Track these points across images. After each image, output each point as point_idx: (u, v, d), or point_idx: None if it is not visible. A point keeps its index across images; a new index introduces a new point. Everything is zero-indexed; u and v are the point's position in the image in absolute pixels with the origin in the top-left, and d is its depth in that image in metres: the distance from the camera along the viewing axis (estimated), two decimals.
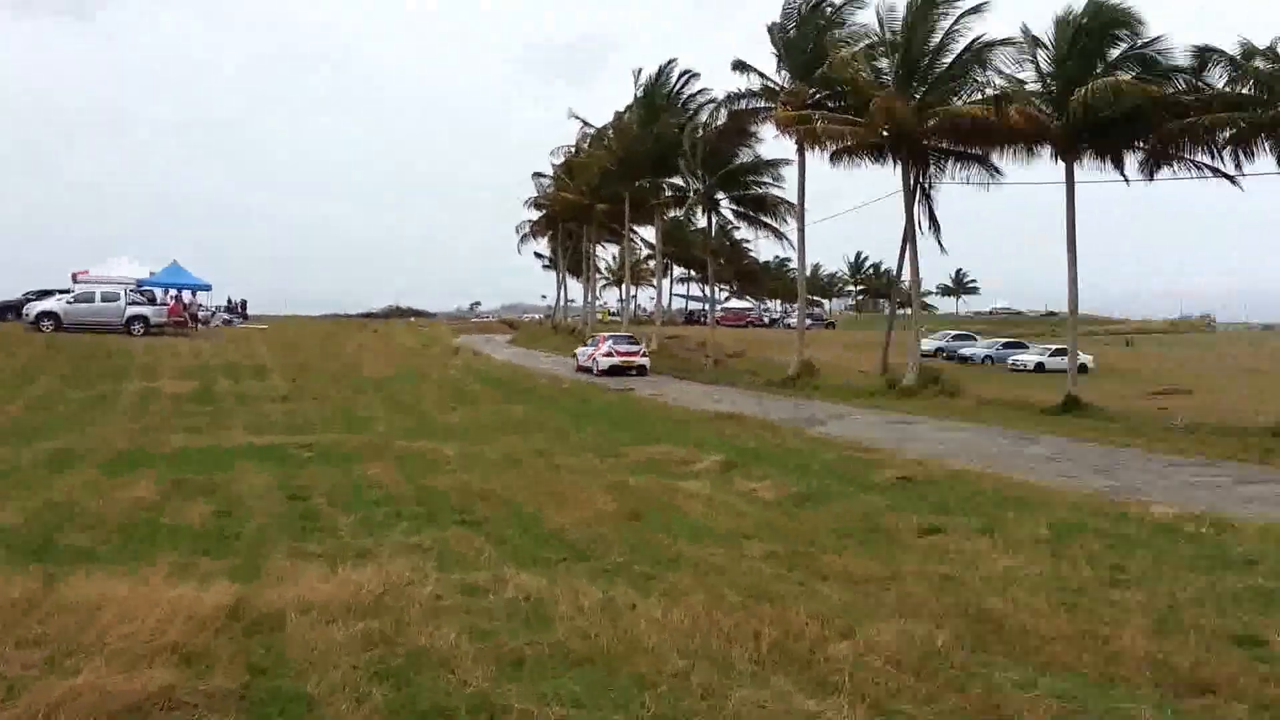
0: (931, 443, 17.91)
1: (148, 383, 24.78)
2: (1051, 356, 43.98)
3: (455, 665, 5.38)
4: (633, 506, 10.88)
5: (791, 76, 33.17)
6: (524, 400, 24.58)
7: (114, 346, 33.28)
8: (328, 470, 12.77)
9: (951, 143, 29.64)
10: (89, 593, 6.22)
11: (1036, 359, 45.31)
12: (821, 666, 5.55)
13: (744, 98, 35.20)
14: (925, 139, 29.43)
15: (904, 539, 9.53)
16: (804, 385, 30.79)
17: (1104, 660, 5.88)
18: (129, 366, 28.85)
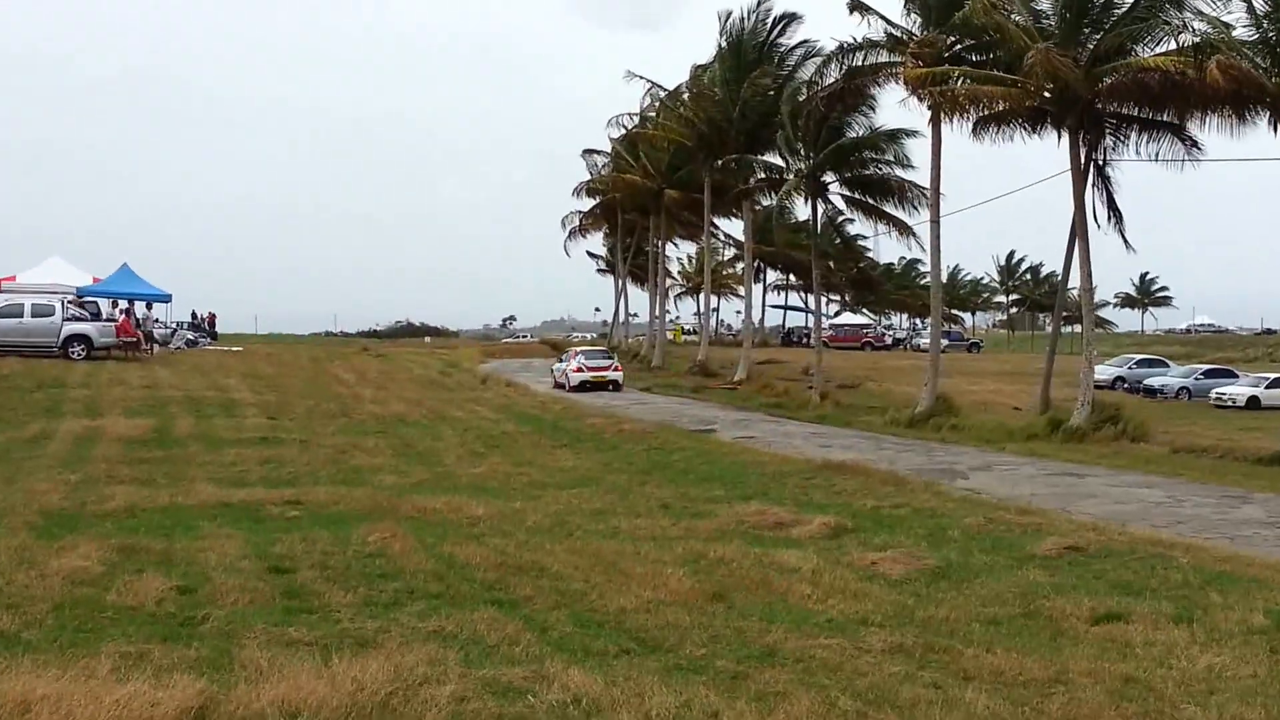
0: (1108, 502, 17.63)
1: (89, 421, 25.33)
2: (1269, 388, 43.10)
3: None
4: (715, 584, 10.85)
5: (924, 22, 33.08)
6: (573, 446, 24.69)
7: (46, 374, 34.06)
8: (318, 535, 12.90)
9: (1135, 107, 29.28)
10: (15, 691, 6.34)
11: (1249, 391, 44.41)
12: None
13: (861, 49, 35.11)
14: (1100, 102, 29.10)
15: (1072, 628, 9.38)
16: (939, 426, 30.53)
17: None
18: (66, 400, 29.53)
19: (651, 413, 34.15)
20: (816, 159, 40.31)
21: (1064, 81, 27.78)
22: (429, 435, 25.81)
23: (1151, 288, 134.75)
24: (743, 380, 47.41)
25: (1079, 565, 11.93)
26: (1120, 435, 27.51)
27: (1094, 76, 28.10)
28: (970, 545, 13.16)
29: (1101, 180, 30.94)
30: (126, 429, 23.82)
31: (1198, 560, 11.93)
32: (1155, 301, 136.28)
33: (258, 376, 40.05)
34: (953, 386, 38.52)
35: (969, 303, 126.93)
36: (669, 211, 59.04)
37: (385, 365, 52.60)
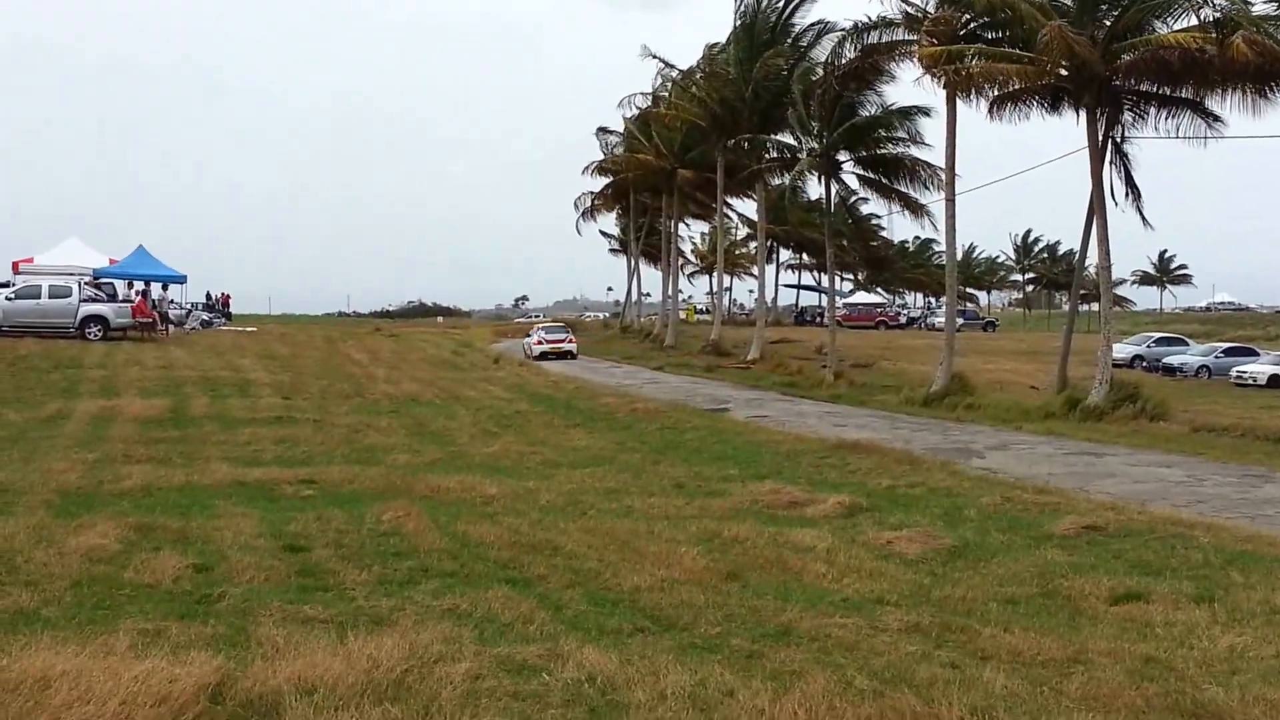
0: (1127, 481, 17.57)
1: (106, 401, 25.44)
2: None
3: None
4: (729, 563, 10.86)
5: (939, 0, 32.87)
6: (587, 425, 24.73)
7: (64, 355, 34.28)
8: (333, 514, 12.95)
9: (1153, 84, 29.06)
10: (34, 667, 6.36)
11: (1270, 369, 44.21)
12: None
13: (876, 27, 34.98)
14: (1117, 79, 28.89)
15: (1091, 608, 9.36)
16: (954, 405, 30.44)
17: None
18: (83, 380, 29.70)
19: (665, 392, 34.17)
20: (830, 138, 40.19)
21: (1080, 59, 27.56)
22: (442, 415, 25.86)
23: (1170, 265, 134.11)
24: (756, 360, 47.36)
25: (1098, 545, 11.90)
26: (1139, 414, 27.36)
27: (1111, 54, 27.90)
28: (987, 524, 13.14)
29: (1119, 157, 30.76)
30: (142, 409, 23.93)
31: (1219, 540, 11.90)
32: (1174, 279, 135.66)
33: (272, 357, 40.17)
34: (968, 365, 38.40)
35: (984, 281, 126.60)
36: (682, 191, 58.96)
37: (398, 345, 52.71)
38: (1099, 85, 28.77)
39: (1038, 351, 51.79)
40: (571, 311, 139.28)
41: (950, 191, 34.02)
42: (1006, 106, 30.57)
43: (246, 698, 6.19)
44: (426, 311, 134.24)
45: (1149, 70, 27.90)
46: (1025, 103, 30.59)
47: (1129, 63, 27.79)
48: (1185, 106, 29.19)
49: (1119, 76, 28.73)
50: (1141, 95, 29.80)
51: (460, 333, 70.56)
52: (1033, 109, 30.81)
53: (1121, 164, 30.76)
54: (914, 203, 40.11)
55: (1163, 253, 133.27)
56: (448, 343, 56.92)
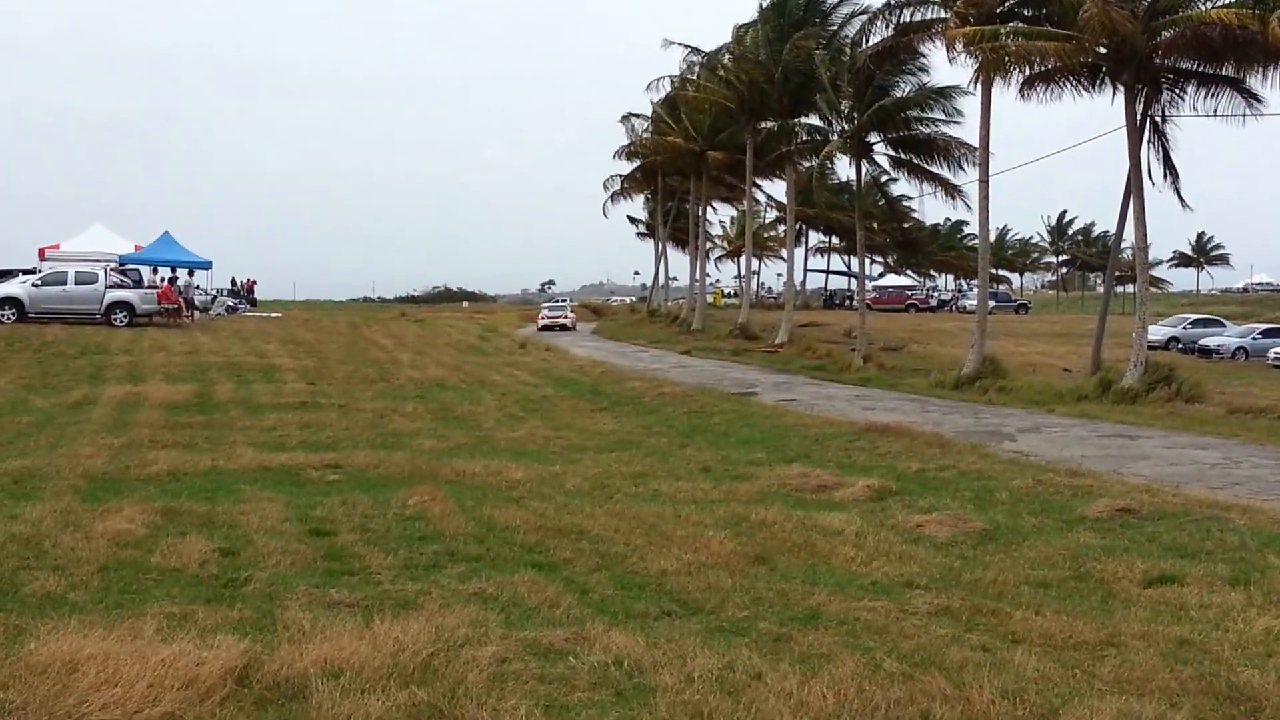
0: (1161, 464, 17.48)
1: (132, 387, 25.63)
2: None
3: None
4: (757, 546, 10.87)
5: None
6: (613, 409, 24.74)
7: (90, 341, 34.53)
8: (359, 498, 13.03)
9: (1193, 61, 28.80)
10: (62, 650, 6.45)
11: None
12: None
13: (910, 5, 34.81)
14: (1157, 57, 28.65)
15: (1125, 591, 9.34)
16: (986, 388, 30.32)
17: None
18: (109, 366, 29.92)
19: (692, 376, 34.14)
20: (861, 119, 40.03)
21: (1121, 36, 27.32)
22: (467, 399, 25.92)
23: (1208, 246, 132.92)
24: (784, 343, 47.29)
25: (1131, 527, 11.85)
26: (1174, 396, 27.19)
27: (1152, 30, 27.65)
28: (1018, 507, 13.09)
29: (1158, 137, 30.50)
30: (168, 394, 24.09)
31: (1255, 522, 11.83)
32: (1212, 260, 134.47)
33: (297, 342, 40.35)
34: (1000, 348, 38.25)
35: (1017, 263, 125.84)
36: (710, 174, 58.88)
37: (423, 330, 52.87)
38: (1138, 63, 28.52)
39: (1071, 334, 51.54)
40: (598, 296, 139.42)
41: (984, 172, 33.85)
42: (1037, 86, 30.31)
43: (273, 681, 6.25)
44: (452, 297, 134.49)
45: (1190, 47, 27.65)
46: (1059, 82, 30.32)
47: (1169, 39, 27.54)
48: (1225, 85, 28.91)
49: (1159, 54, 28.49)
50: (1181, 73, 29.53)
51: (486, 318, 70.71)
52: (1065, 89, 30.54)
53: (1160, 144, 30.51)
54: (947, 183, 39.99)
55: (1200, 234, 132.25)
56: (473, 328, 57.08)
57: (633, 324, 68.24)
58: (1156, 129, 30.34)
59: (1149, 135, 30.05)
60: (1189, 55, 28.40)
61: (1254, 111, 28.94)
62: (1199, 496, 13.64)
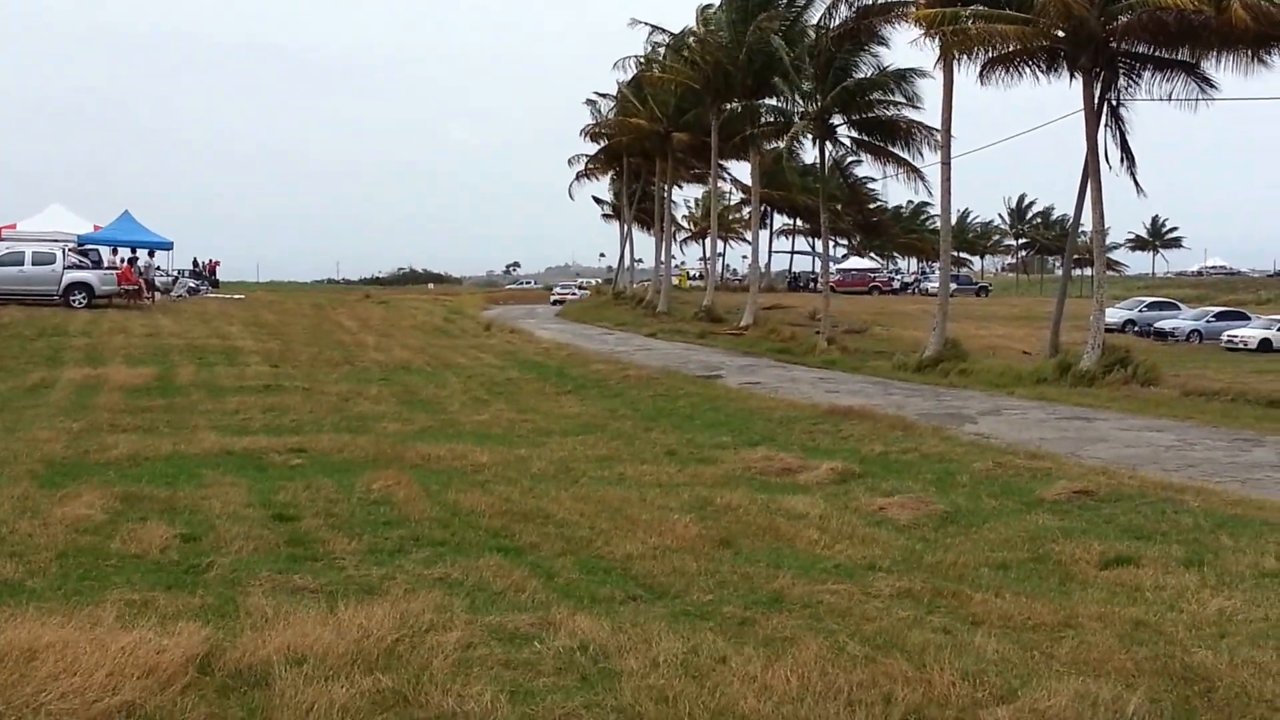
0: (1118, 446, 17.65)
1: (91, 369, 25.34)
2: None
3: None
4: (721, 530, 10.90)
5: None
6: (578, 392, 24.72)
7: (48, 323, 34.12)
8: (322, 482, 12.95)
9: (1149, 46, 29.01)
10: (20, 639, 6.36)
11: (1261, 334, 44.37)
12: None
13: None
14: (1114, 41, 28.83)
15: (1082, 573, 9.42)
16: (947, 371, 30.51)
17: None
18: (67, 348, 29.59)
19: (657, 358, 34.16)
20: (824, 101, 40.07)
21: (1078, 19, 27.48)
22: (433, 382, 25.83)
23: (1163, 230, 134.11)
24: (749, 326, 47.36)
25: (1088, 509, 11.96)
26: (1130, 379, 27.43)
27: (1109, 14, 27.82)
28: (979, 490, 13.19)
29: (1115, 121, 30.67)
30: (128, 377, 23.85)
31: (1209, 504, 11.96)
32: (1167, 244, 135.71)
33: (260, 324, 40.06)
34: (961, 331, 38.43)
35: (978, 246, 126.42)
36: (675, 155, 58.82)
37: (388, 312, 52.60)
38: (1096, 47, 28.71)
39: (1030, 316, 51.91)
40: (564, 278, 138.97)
41: (946, 155, 33.97)
42: (999, 69, 30.43)
43: (236, 668, 6.21)
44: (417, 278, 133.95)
45: (1146, 32, 27.86)
46: (1019, 66, 30.44)
47: (1126, 24, 27.74)
48: (1180, 69, 29.13)
49: (1116, 38, 28.69)
50: (1137, 58, 29.73)
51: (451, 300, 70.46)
52: (1025, 72, 30.66)
53: (1117, 128, 30.68)
54: (909, 165, 40.09)
55: (1155, 217, 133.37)
56: (439, 310, 56.83)
57: (598, 306, 68.18)
58: (1114, 113, 30.52)
59: (1106, 119, 30.22)
60: (1145, 40, 28.63)
61: (1207, 96, 29.24)
62: (1155, 479, 13.78)
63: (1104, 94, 29.95)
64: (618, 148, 65.05)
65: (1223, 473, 15.04)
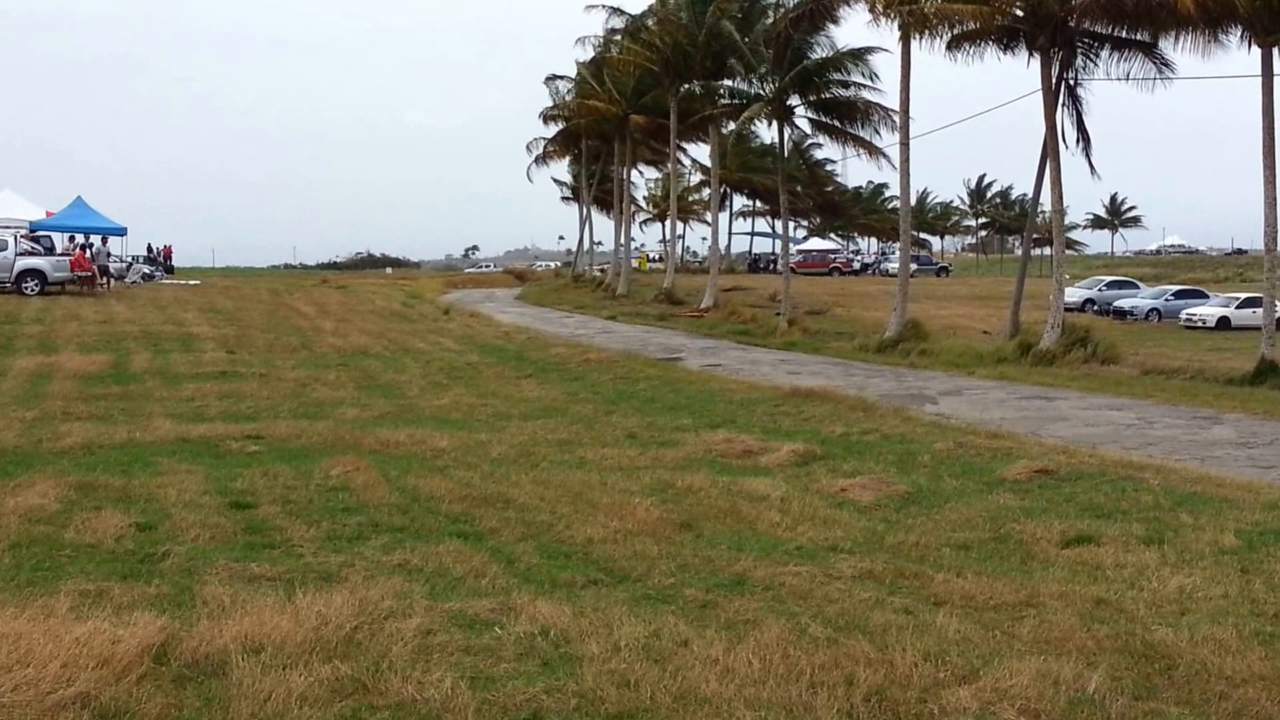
0: (1078, 424, 17.80)
1: (44, 357, 25.07)
2: (1240, 308, 43.38)
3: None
4: (683, 513, 10.91)
5: None
6: (538, 376, 24.67)
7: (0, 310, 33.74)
8: (280, 469, 12.88)
9: (1107, 25, 29.19)
10: None
11: (1219, 312, 44.73)
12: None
13: None
14: (1072, 20, 29.00)
15: (1043, 552, 9.50)
16: (908, 351, 30.63)
17: None
18: (19, 336, 29.22)
19: (617, 341, 34.12)
20: (782, 82, 40.07)
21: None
22: (391, 367, 25.71)
23: (1122, 209, 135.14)
24: (709, 308, 47.38)
25: (1049, 489, 12.05)
26: (1090, 358, 27.68)
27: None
28: (940, 470, 13.26)
29: (1072, 101, 30.89)
30: (82, 365, 23.59)
31: (1168, 482, 12.07)
32: (1125, 223, 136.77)
33: (216, 310, 39.72)
34: (921, 311, 38.60)
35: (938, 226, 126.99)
36: (634, 137, 58.64)
37: (346, 297, 52.24)
38: (1054, 26, 28.89)
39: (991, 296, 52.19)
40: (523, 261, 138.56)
41: (904, 135, 34.07)
42: (961, 48, 30.54)
43: (192, 658, 6.16)
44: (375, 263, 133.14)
45: (1103, 11, 28.05)
46: (980, 44, 30.56)
47: (1083, 3, 27.94)
48: (1138, 49, 29.34)
49: (1073, 17, 28.86)
50: (1095, 37, 29.92)
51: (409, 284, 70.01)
52: (987, 50, 30.80)
53: (1074, 108, 30.92)
54: (868, 146, 40.14)
55: (1114, 196, 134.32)
56: (397, 294, 56.48)
57: (557, 289, 67.98)
58: (1071, 93, 30.73)
59: (1064, 99, 30.43)
60: (1103, 19, 28.82)
61: (1164, 76, 29.49)
62: (1115, 457, 13.89)
63: (1062, 74, 30.16)
64: (576, 130, 64.80)
65: (1182, 450, 15.20)
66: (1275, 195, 25.56)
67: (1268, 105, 25.13)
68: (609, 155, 65.41)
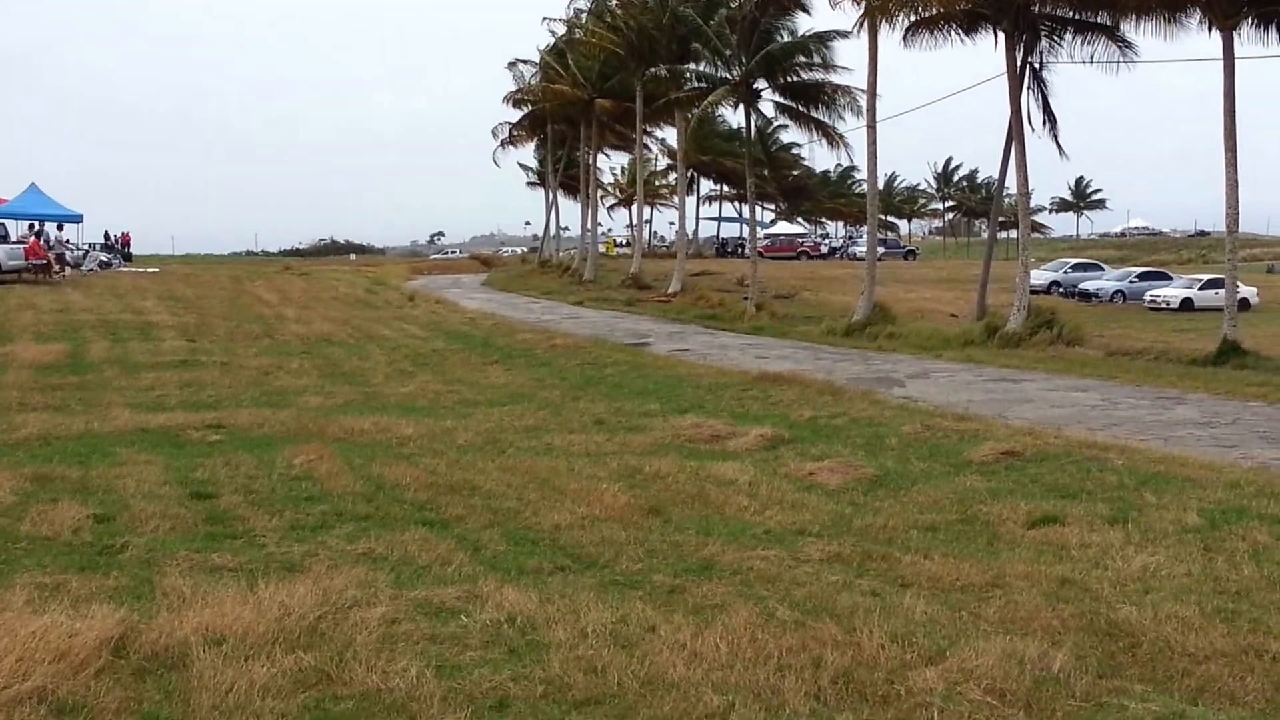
0: (1044, 406, 17.91)
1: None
2: (1202, 290, 43.75)
3: (417, 711, 5.41)
4: (650, 499, 10.92)
5: None
6: (504, 362, 24.62)
7: None
8: (242, 459, 12.83)
9: (1070, 9, 29.33)
10: None
11: (1182, 293, 45.09)
12: (903, 701, 5.57)
13: None
14: (1034, 4, 29.12)
15: (1009, 533, 9.57)
16: (876, 335, 30.74)
17: (1273, 685, 5.91)
18: None
19: (584, 327, 34.09)
20: (748, 66, 40.07)
21: None
22: (356, 355, 25.60)
23: (1087, 191, 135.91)
24: (677, 293, 47.38)
25: (1015, 470, 12.12)
26: (1056, 340, 27.84)
27: None
28: (908, 453, 13.31)
29: (1037, 84, 31.03)
30: (38, 354, 23.39)
31: (1132, 462, 12.16)
32: (1090, 205, 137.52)
33: (175, 298, 39.43)
34: (889, 295, 38.73)
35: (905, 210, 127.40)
36: (600, 122, 58.51)
37: (309, 284, 51.95)
38: (1017, 9, 28.99)
39: (957, 279, 52.39)
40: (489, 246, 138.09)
41: (871, 118, 34.11)
42: (924, 33, 30.59)
43: (152, 650, 6.13)
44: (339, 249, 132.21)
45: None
46: (944, 28, 30.60)
47: None
48: (1100, 32, 29.48)
49: (1035, 2, 28.96)
50: (1058, 20, 30.06)
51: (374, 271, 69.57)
52: (950, 35, 30.85)
53: (1039, 90, 31.05)
54: (833, 130, 40.21)
55: (1080, 178, 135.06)
56: (361, 281, 56.20)
57: (524, 275, 67.81)
58: (1036, 76, 30.86)
59: (1029, 82, 30.56)
60: (1064, 3, 28.97)
61: (1127, 59, 29.63)
62: (1080, 438, 13.97)
63: (1026, 57, 30.29)
64: (542, 114, 64.63)
65: (1146, 431, 15.32)
66: (1236, 177, 25.76)
67: (1229, 88, 25.30)
68: (575, 140, 65.26)
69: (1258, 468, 12.15)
